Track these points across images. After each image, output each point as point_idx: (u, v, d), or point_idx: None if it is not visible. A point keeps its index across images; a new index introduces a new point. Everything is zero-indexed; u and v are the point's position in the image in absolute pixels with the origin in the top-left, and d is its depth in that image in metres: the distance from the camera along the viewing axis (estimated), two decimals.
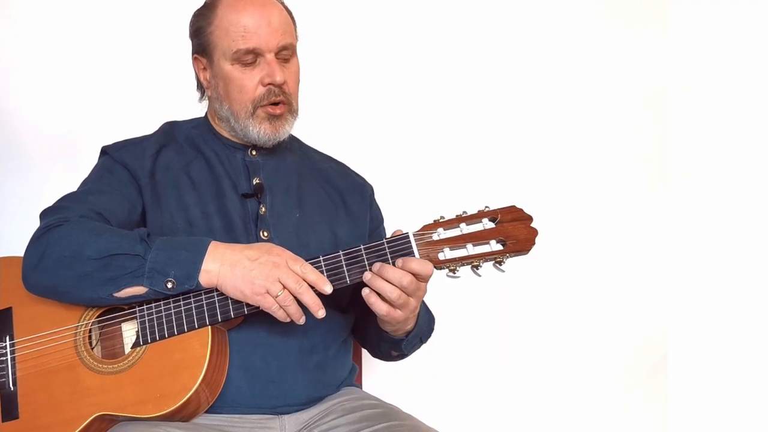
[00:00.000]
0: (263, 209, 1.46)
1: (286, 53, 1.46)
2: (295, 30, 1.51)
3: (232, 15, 1.43)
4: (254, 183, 1.48)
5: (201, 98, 1.57)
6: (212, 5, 1.47)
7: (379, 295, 1.28)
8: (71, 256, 1.28)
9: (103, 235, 1.29)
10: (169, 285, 1.27)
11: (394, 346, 1.46)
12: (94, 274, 1.27)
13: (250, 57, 1.43)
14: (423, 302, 1.47)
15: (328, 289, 1.27)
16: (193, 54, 1.52)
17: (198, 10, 1.50)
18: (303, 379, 1.40)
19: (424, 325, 1.47)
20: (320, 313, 1.26)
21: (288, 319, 1.27)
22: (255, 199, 1.46)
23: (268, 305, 1.26)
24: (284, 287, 1.25)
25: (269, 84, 1.43)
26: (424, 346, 1.54)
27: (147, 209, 1.43)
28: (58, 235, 1.30)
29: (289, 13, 1.51)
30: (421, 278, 1.28)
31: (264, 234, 1.43)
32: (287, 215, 1.48)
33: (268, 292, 1.25)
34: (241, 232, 1.43)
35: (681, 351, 2.35)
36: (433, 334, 1.55)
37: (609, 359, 2.33)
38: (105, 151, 1.51)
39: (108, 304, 1.32)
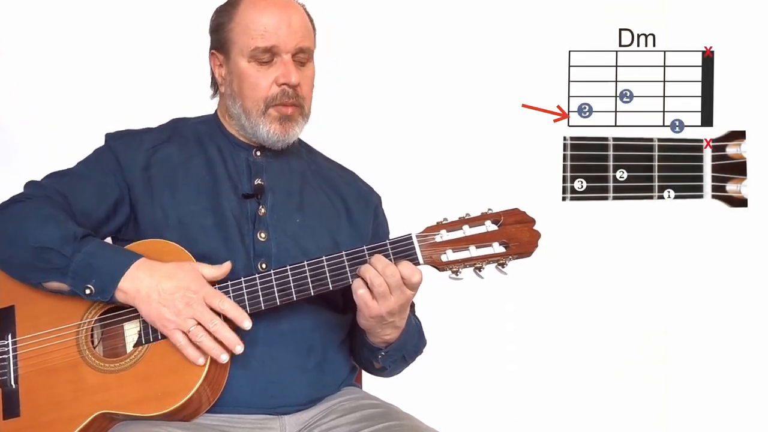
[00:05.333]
0: (263, 210, 1.46)
1: (303, 56, 1.47)
2: (315, 37, 1.52)
3: (253, 13, 1.44)
4: (255, 183, 1.48)
5: (213, 95, 1.58)
6: (235, 2, 1.48)
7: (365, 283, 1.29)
8: (15, 236, 1.33)
9: (49, 223, 1.32)
10: (87, 291, 1.29)
11: (373, 355, 1.44)
12: (28, 260, 1.32)
13: (267, 56, 1.44)
14: (418, 322, 1.49)
15: (247, 325, 1.28)
16: (210, 50, 1.53)
17: (220, 6, 1.52)
18: (302, 380, 1.40)
19: (409, 343, 1.45)
20: (238, 348, 1.27)
21: (202, 359, 1.27)
22: (255, 200, 1.46)
23: (178, 342, 1.27)
24: (198, 323, 1.26)
25: (283, 84, 1.44)
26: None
27: (138, 202, 1.44)
28: (14, 211, 1.37)
29: (311, 20, 1.52)
30: (406, 281, 1.28)
31: (261, 235, 1.43)
32: (287, 218, 1.47)
33: (178, 328, 1.27)
34: (235, 232, 1.42)
35: (681, 351, 2.35)
36: (424, 348, 1.54)
37: (609, 359, 2.33)
38: (105, 138, 1.52)
39: (38, 286, 1.35)
